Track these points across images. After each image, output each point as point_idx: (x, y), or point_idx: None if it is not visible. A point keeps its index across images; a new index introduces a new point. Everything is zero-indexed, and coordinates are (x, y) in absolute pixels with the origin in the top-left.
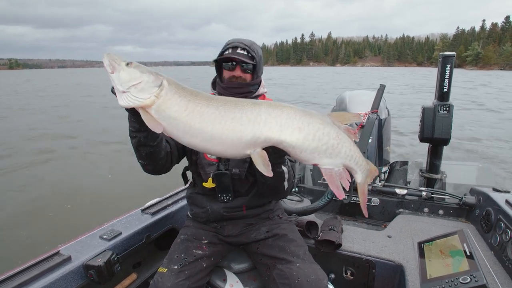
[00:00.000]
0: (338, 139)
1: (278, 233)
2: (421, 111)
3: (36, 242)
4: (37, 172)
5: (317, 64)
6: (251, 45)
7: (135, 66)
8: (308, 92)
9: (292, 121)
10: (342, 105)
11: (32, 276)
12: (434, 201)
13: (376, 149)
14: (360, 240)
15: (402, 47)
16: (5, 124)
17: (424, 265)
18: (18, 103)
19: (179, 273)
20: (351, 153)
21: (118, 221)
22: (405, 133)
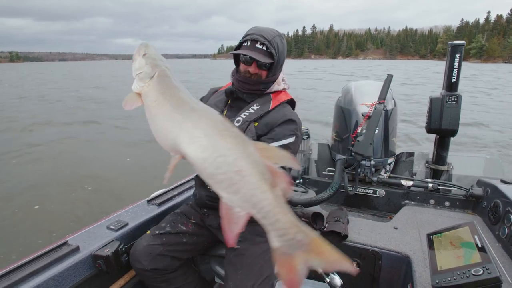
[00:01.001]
0: (239, 175)
1: (244, 250)
2: (429, 101)
3: (49, 229)
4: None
5: (319, 57)
6: (272, 39)
7: (146, 57)
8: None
9: (203, 137)
10: (348, 95)
11: (42, 265)
12: (440, 193)
13: (382, 140)
14: (366, 231)
15: (405, 39)
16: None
17: (434, 256)
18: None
19: (157, 238)
20: (255, 200)
21: (125, 212)
22: (410, 124)
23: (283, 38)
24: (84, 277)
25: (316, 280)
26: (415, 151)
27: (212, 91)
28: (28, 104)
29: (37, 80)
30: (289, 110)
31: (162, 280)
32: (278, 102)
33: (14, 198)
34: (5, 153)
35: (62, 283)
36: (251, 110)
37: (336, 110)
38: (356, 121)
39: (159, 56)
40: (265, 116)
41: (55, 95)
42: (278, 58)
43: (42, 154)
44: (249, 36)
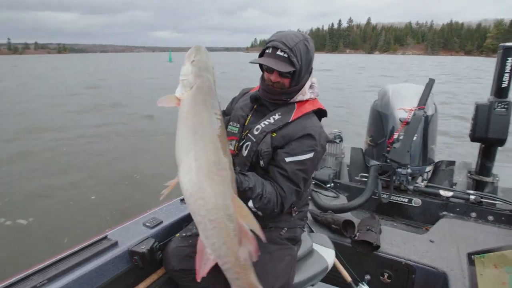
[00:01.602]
0: (212, 224)
1: (260, 258)
2: (474, 108)
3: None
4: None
5: (354, 51)
6: (294, 45)
7: (194, 64)
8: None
9: (195, 173)
10: (385, 98)
11: (86, 257)
12: (483, 206)
13: (420, 147)
14: (400, 242)
15: (449, 34)
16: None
17: (475, 279)
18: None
19: (184, 240)
20: (221, 252)
21: (159, 210)
22: (450, 131)
23: (309, 42)
24: (121, 271)
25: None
26: (456, 159)
27: (243, 92)
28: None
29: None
30: (312, 122)
31: (191, 280)
32: (300, 113)
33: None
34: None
35: (102, 275)
36: (271, 119)
37: (371, 113)
38: (393, 126)
39: (206, 64)
40: (284, 128)
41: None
42: (300, 65)
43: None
44: (271, 43)
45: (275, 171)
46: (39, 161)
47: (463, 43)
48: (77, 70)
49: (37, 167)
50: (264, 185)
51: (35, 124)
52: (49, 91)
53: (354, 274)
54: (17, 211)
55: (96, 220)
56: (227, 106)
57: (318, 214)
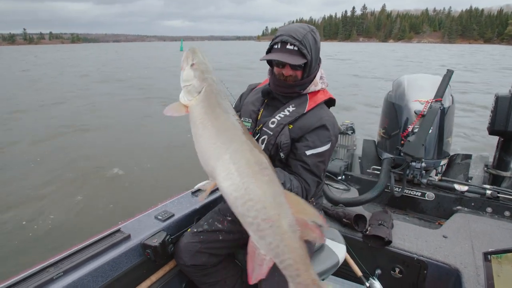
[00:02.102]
0: (267, 224)
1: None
2: (494, 99)
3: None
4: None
5: (368, 39)
6: (303, 38)
7: (195, 68)
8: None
9: (238, 175)
10: (400, 89)
11: (100, 250)
12: (500, 201)
13: (436, 140)
14: (412, 237)
15: (468, 21)
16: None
17: (492, 280)
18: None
19: (195, 236)
20: (278, 251)
21: (170, 203)
22: (466, 124)
23: (315, 33)
24: (134, 263)
25: (355, 283)
26: (473, 152)
27: (251, 87)
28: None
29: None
30: (325, 112)
31: (203, 274)
32: (314, 104)
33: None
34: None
35: (115, 267)
36: (286, 112)
37: (385, 105)
38: (407, 118)
39: (206, 66)
40: (300, 119)
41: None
42: (311, 56)
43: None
44: (279, 37)
45: (297, 165)
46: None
47: (482, 30)
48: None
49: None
50: (291, 179)
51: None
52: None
53: (364, 268)
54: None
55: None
56: (235, 103)
57: (329, 208)
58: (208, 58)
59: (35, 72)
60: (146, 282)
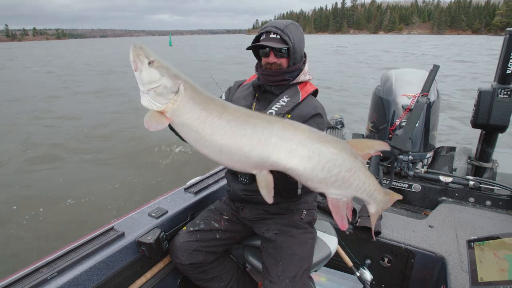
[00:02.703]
0: (350, 172)
1: (282, 242)
2: (477, 94)
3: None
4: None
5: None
6: (284, 28)
7: (156, 66)
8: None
9: (302, 149)
10: (387, 83)
11: (94, 249)
12: (482, 191)
13: (422, 133)
14: (400, 228)
15: (457, 12)
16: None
17: (475, 266)
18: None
19: (192, 234)
20: (365, 186)
21: (164, 199)
22: (454, 116)
23: (298, 27)
24: (129, 261)
25: (346, 273)
26: (457, 145)
27: (238, 84)
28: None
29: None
30: (317, 101)
31: (200, 272)
32: (306, 94)
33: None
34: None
35: (110, 265)
36: (282, 102)
37: (373, 99)
38: (395, 112)
39: (167, 61)
40: (296, 108)
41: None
42: (293, 43)
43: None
44: (264, 29)
45: None
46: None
47: (471, 21)
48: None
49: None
50: None
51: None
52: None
53: (355, 258)
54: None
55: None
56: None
57: (320, 200)
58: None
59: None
60: (141, 279)
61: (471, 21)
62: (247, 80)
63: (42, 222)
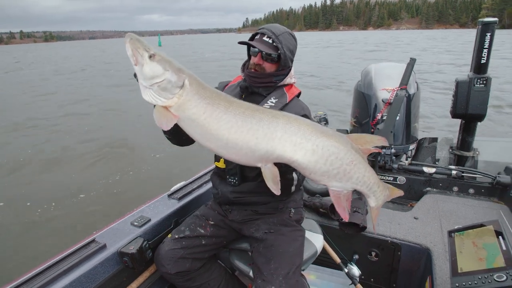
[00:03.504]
0: (351, 165)
1: (273, 240)
2: (455, 84)
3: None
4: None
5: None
6: (280, 34)
7: (158, 60)
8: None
9: (307, 142)
10: (367, 78)
11: (75, 263)
12: (465, 180)
13: (403, 126)
14: (386, 222)
15: (444, 6)
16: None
17: (455, 257)
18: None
19: (177, 242)
20: (364, 179)
21: (147, 207)
22: (436, 106)
23: (293, 36)
24: (111, 273)
25: (334, 269)
26: (439, 136)
27: (223, 85)
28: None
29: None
30: (303, 103)
31: (187, 280)
32: (292, 95)
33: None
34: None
35: (92, 279)
36: (270, 103)
37: (355, 94)
38: (376, 105)
39: (164, 53)
40: (284, 109)
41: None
42: (284, 52)
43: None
44: (261, 30)
45: None
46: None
47: (458, 15)
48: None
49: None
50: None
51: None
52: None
53: (343, 255)
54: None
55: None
56: None
57: (306, 198)
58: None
59: None
60: None
61: (458, 15)
62: (232, 81)
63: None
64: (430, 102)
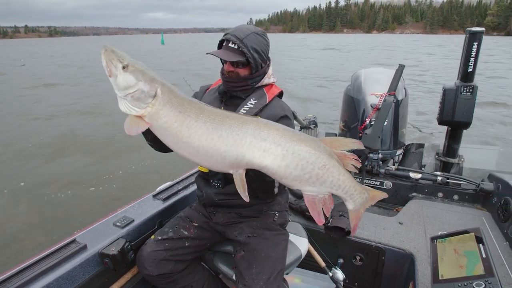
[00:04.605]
0: (324, 169)
1: (256, 244)
2: (442, 92)
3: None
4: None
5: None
6: (245, 37)
7: (132, 70)
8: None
9: (276, 147)
10: (357, 82)
11: (53, 264)
12: (450, 186)
13: (391, 131)
14: (371, 226)
15: (449, 11)
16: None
17: (436, 264)
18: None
19: (160, 243)
20: (339, 183)
21: (131, 207)
22: (424, 112)
23: (261, 35)
24: (91, 274)
25: (319, 273)
26: (425, 142)
27: (204, 89)
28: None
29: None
30: (284, 103)
31: (169, 281)
32: (272, 95)
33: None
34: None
35: (71, 281)
36: (249, 104)
37: (344, 99)
38: (364, 110)
39: (140, 63)
40: (264, 109)
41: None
42: (252, 54)
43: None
44: (224, 36)
45: None
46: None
47: (463, 21)
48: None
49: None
50: None
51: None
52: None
53: (327, 258)
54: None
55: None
56: None
57: (292, 201)
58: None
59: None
60: None
61: (463, 21)
62: (213, 85)
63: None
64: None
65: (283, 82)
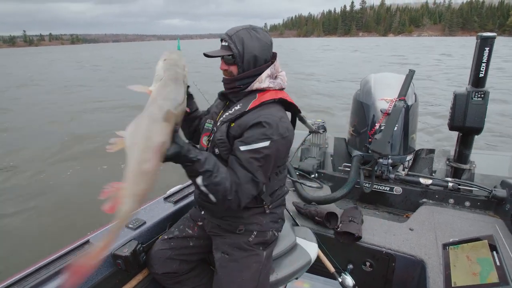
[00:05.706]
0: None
1: (225, 266)
2: (453, 97)
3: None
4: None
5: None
6: (233, 34)
7: (165, 62)
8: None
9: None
10: (366, 88)
11: (66, 265)
12: (461, 193)
13: (401, 137)
14: (381, 232)
15: (469, 13)
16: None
17: (449, 270)
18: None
19: (166, 242)
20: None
21: (142, 209)
22: (435, 118)
23: (252, 31)
24: (104, 275)
25: (328, 278)
26: (436, 147)
27: (220, 92)
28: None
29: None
30: (269, 111)
31: (175, 282)
32: (258, 102)
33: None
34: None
35: (84, 281)
36: (232, 110)
37: (354, 104)
38: (374, 115)
39: (175, 61)
40: (241, 117)
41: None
42: (239, 51)
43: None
44: (221, 37)
45: (232, 159)
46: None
47: (483, 22)
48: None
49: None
50: (218, 166)
51: None
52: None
53: (337, 264)
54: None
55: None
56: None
57: (302, 206)
58: (183, 58)
59: None
60: None
61: (484, 22)
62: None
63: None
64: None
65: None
